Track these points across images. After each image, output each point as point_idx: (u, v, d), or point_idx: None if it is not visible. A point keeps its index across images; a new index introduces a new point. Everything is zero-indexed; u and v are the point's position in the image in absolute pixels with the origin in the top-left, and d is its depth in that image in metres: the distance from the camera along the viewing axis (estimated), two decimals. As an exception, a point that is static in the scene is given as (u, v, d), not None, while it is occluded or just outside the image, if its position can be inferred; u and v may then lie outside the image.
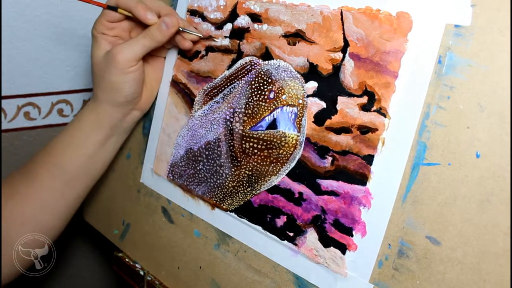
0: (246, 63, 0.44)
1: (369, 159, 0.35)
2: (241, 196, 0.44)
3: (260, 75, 0.42)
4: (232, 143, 0.44)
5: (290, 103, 0.40)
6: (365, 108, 0.36)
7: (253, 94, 0.43)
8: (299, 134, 0.40)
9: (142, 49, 0.45)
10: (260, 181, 0.42)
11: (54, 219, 0.50)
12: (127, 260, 0.56)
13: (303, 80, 0.39)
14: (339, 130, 0.37)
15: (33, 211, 0.48)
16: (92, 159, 0.50)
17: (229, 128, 0.45)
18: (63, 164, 0.49)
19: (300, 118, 0.39)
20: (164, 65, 0.52)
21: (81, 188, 0.51)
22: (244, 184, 0.43)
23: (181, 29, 0.47)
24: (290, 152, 0.40)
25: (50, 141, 0.50)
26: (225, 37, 0.46)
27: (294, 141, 0.40)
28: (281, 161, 0.40)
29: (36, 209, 0.48)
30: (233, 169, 0.44)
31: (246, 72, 0.44)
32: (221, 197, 0.45)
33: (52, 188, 0.49)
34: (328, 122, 0.38)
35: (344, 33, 0.37)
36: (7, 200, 0.47)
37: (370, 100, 0.35)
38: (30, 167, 0.50)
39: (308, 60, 0.39)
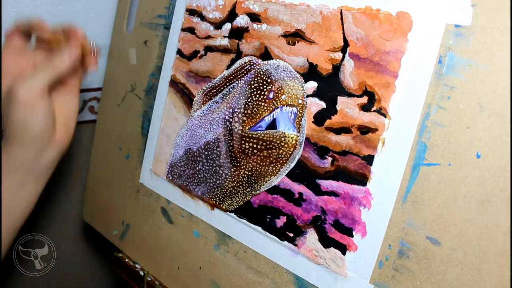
0: (245, 63, 0.44)
1: (369, 159, 0.35)
2: (240, 196, 0.44)
3: (259, 75, 0.42)
4: (231, 143, 0.44)
5: (289, 103, 0.40)
6: (365, 108, 0.35)
7: (253, 94, 0.43)
8: (298, 134, 0.39)
9: (45, 81, 0.41)
10: (260, 182, 0.42)
11: None
12: (127, 260, 0.56)
13: (303, 80, 0.39)
14: (339, 130, 0.37)
15: None
16: (8, 206, 0.45)
17: (228, 128, 0.44)
18: None
19: (299, 118, 0.39)
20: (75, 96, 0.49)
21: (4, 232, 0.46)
22: (244, 185, 0.43)
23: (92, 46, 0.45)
24: (290, 152, 0.40)
25: None
26: (224, 36, 0.45)
27: (293, 141, 0.40)
28: (281, 162, 0.40)
29: None
30: (232, 170, 0.44)
31: (245, 72, 0.44)
32: (220, 197, 0.45)
33: None
34: (328, 122, 0.38)
35: (344, 33, 0.37)
36: None
37: (370, 100, 0.35)
38: None
39: (307, 60, 0.39)
